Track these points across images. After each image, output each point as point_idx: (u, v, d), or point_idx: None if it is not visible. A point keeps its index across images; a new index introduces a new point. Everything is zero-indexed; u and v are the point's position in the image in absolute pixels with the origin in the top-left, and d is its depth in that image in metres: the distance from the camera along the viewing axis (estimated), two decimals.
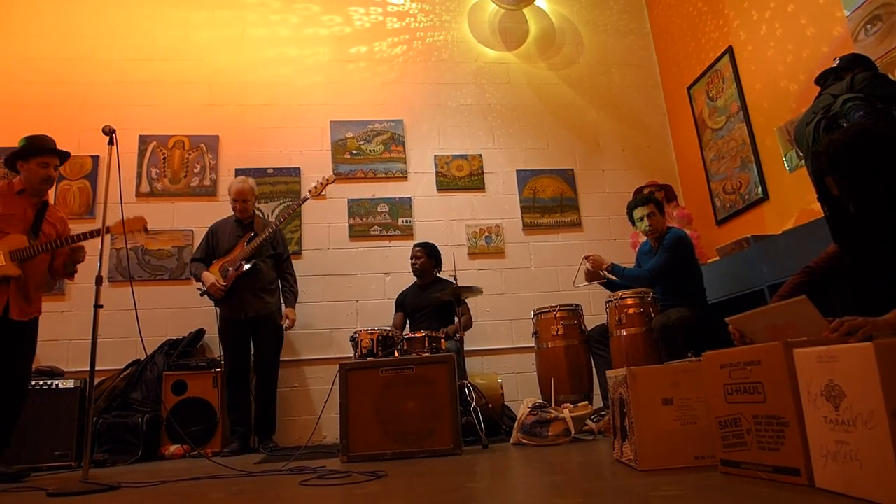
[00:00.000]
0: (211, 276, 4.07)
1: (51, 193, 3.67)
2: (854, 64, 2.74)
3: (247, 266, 4.05)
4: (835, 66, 2.81)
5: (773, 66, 4.17)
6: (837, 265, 2.04)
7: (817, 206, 3.42)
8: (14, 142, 4.57)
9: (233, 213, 4.30)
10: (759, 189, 4.30)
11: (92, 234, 3.08)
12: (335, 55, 5.36)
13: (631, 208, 3.83)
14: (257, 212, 4.72)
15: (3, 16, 5.02)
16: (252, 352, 4.20)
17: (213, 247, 4.24)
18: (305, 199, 4.37)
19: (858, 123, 2.25)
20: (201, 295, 4.16)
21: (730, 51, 4.61)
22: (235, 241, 4.18)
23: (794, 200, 3.97)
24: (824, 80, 2.83)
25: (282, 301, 4.30)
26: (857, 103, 2.45)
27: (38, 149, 3.13)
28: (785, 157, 4.06)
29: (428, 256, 4.42)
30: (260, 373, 4.13)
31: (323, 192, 4.41)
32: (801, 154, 3.00)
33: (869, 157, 1.76)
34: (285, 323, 4.20)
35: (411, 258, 4.45)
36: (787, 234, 3.33)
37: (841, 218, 1.89)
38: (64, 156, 3.25)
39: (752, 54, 4.39)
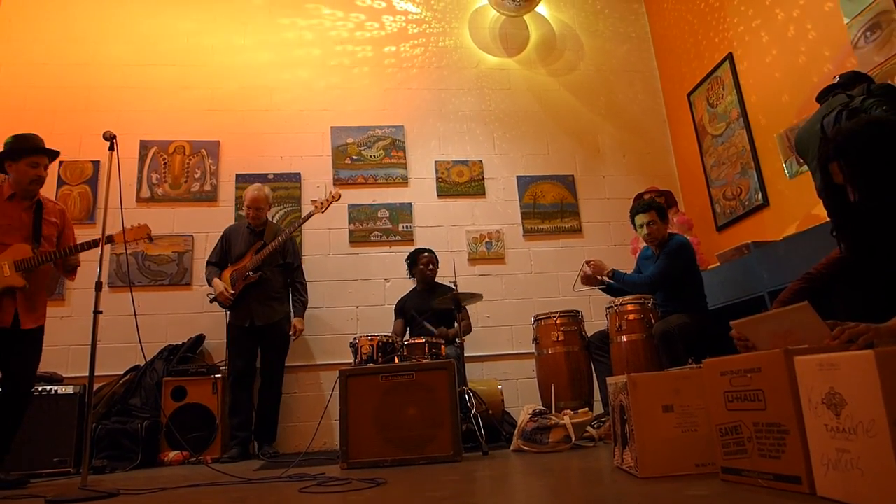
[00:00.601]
0: (221, 284, 4.10)
1: (52, 197, 3.68)
2: (855, 80, 2.74)
3: (253, 277, 4.06)
4: (835, 82, 2.81)
5: (772, 73, 4.18)
6: (839, 271, 2.04)
7: (818, 212, 3.42)
8: None
9: (246, 219, 4.30)
10: (760, 195, 4.30)
11: (90, 245, 3.08)
12: (336, 61, 5.37)
13: (632, 214, 3.84)
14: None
15: (5, 21, 5.04)
16: (258, 358, 4.20)
17: (227, 251, 4.26)
18: (311, 214, 4.32)
19: (869, 115, 2.25)
20: (211, 301, 4.17)
21: (730, 57, 4.62)
22: (246, 249, 4.19)
23: (795, 207, 3.97)
24: (826, 95, 2.83)
25: (292, 311, 4.30)
26: (879, 100, 2.46)
27: (28, 149, 3.08)
28: (785, 163, 4.07)
29: (437, 263, 4.48)
30: (264, 379, 4.12)
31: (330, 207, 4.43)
32: (804, 157, 2.99)
33: (877, 147, 1.77)
34: (292, 332, 4.20)
35: (427, 264, 4.43)
36: (788, 240, 3.33)
37: (842, 208, 1.89)
38: (53, 155, 3.20)
39: (752, 61, 4.40)
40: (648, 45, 5.87)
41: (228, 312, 4.16)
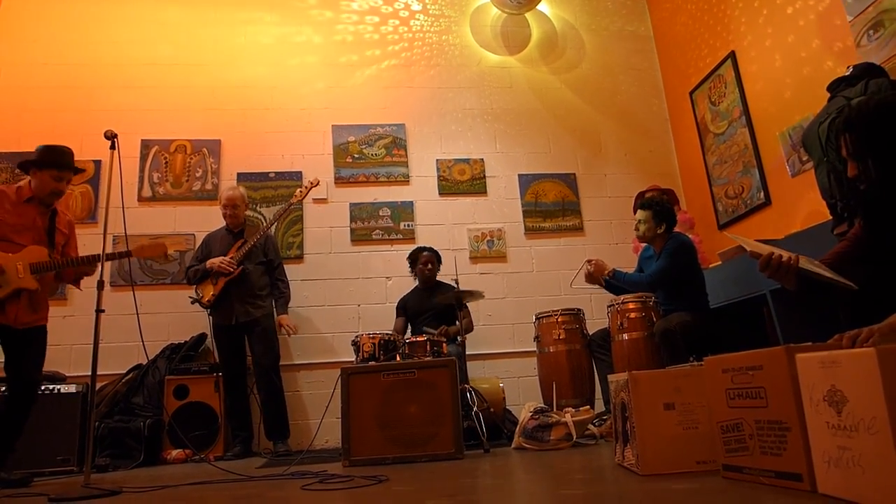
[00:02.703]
0: (217, 259, 4.08)
1: None
2: (867, 72, 2.74)
3: (235, 271, 4.05)
4: (847, 73, 2.81)
5: (775, 72, 4.17)
6: (847, 261, 2.03)
7: (821, 210, 3.42)
8: (18, 146, 4.62)
9: (224, 220, 4.31)
10: (762, 194, 4.29)
11: (115, 255, 3.10)
12: (337, 59, 5.37)
13: (634, 210, 3.86)
14: (257, 216, 4.75)
15: (7, 21, 5.04)
16: (248, 357, 4.20)
17: (207, 256, 4.23)
18: (291, 204, 4.43)
19: (882, 95, 2.27)
20: (192, 302, 4.17)
21: (732, 55, 4.61)
22: (227, 249, 4.19)
23: (797, 205, 3.96)
24: (836, 86, 2.83)
25: (275, 309, 4.29)
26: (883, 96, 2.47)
27: (55, 163, 3.10)
28: (787, 161, 4.06)
29: (438, 262, 4.47)
30: (258, 376, 4.12)
31: (318, 196, 4.45)
32: (808, 157, 2.99)
33: (886, 125, 1.79)
34: (281, 331, 4.20)
35: (425, 264, 4.43)
36: (790, 238, 3.33)
37: (852, 184, 1.92)
38: (79, 171, 3.25)
39: (755, 59, 4.39)
40: (651, 43, 5.86)
41: (211, 316, 4.16)
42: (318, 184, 4.44)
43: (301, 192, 4.39)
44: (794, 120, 3.96)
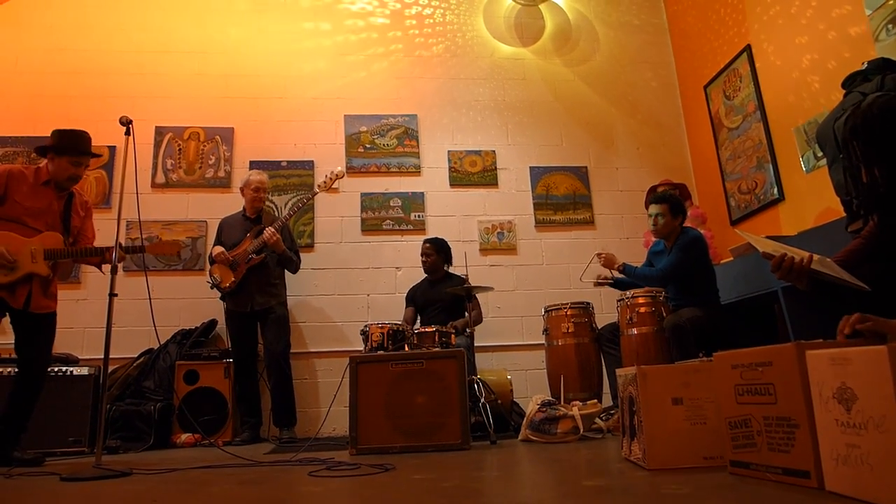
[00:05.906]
0: (219, 247, 4.15)
1: None
2: (883, 68, 2.70)
3: (256, 259, 4.09)
4: (862, 68, 2.77)
5: (791, 66, 4.12)
6: (861, 259, 2.01)
7: (834, 207, 3.39)
8: (34, 131, 4.67)
9: (245, 205, 4.34)
10: (775, 189, 4.26)
11: (134, 249, 3.15)
12: (350, 49, 5.36)
13: (647, 204, 3.84)
14: (269, 205, 4.78)
15: (22, 8, 5.07)
16: (260, 344, 4.24)
17: (223, 242, 4.27)
18: (315, 194, 4.46)
19: (885, 98, 2.24)
20: (211, 287, 4.21)
21: (748, 49, 4.56)
22: (243, 235, 4.22)
23: (811, 202, 3.93)
24: (851, 82, 2.79)
25: (287, 294, 4.35)
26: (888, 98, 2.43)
27: (73, 149, 3.12)
28: (802, 157, 4.02)
29: (437, 253, 4.42)
30: (269, 363, 4.15)
31: (335, 186, 4.45)
32: (823, 153, 2.96)
33: (890, 131, 1.77)
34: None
35: (421, 255, 4.45)
36: (803, 235, 3.30)
37: (863, 186, 1.90)
38: (96, 156, 3.28)
39: (771, 53, 4.34)
40: (665, 36, 5.80)
41: (224, 302, 4.21)
42: (343, 175, 4.42)
43: (326, 181, 4.36)
44: (809, 115, 3.92)
